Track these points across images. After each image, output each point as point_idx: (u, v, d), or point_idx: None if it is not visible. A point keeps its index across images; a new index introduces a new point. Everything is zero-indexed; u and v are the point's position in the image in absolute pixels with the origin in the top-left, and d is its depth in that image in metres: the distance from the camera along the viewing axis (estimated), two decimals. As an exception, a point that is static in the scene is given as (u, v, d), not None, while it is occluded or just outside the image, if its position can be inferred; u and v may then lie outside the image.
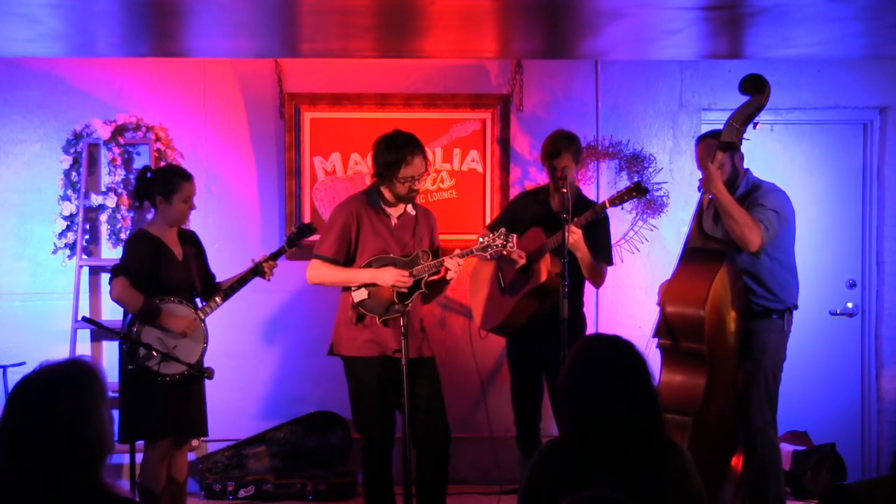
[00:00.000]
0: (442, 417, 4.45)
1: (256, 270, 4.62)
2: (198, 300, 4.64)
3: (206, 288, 4.67)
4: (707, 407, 4.17)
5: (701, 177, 4.43)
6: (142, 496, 4.44)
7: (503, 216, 5.01)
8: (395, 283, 4.33)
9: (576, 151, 4.72)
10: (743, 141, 4.37)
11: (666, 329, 4.28)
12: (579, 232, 4.49)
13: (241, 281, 4.61)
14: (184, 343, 4.44)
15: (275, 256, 4.68)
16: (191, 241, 4.65)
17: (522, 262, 4.65)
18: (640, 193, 4.63)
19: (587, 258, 4.60)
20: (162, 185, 4.49)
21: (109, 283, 4.47)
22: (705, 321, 4.14)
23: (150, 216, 4.70)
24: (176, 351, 4.36)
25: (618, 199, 4.61)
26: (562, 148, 4.68)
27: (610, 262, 4.84)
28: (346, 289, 4.45)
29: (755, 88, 4.28)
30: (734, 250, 4.34)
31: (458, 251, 4.42)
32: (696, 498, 2.54)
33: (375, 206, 4.46)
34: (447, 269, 4.40)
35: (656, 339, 4.37)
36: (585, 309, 4.95)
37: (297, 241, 4.75)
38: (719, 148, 4.31)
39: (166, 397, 4.39)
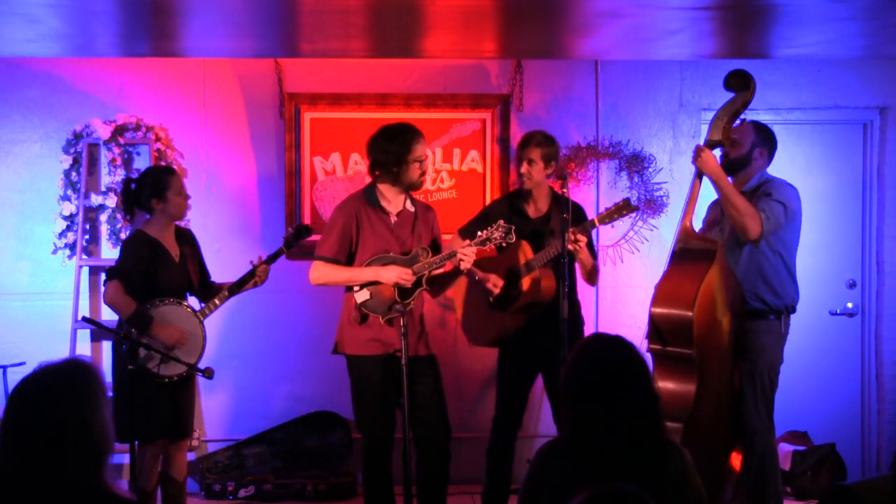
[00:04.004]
0: (443, 416, 4.45)
1: (249, 277, 4.60)
2: (195, 300, 4.65)
3: (202, 287, 4.67)
4: (699, 410, 4.11)
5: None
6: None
7: (477, 222, 4.87)
8: (397, 281, 4.34)
9: (547, 152, 4.71)
10: (771, 138, 4.40)
11: (654, 332, 4.22)
12: (585, 239, 4.48)
13: (239, 284, 4.61)
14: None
15: (273, 258, 4.68)
16: (188, 241, 4.65)
17: (497, 292, 4.67)
18: (630, 210, 4.60)
19: (589, 262, 4.62)
20: (152, 187, 4.50)
21: (104, 285, 4.47)
22: (693, 323, 4.07)
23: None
24: (175, 352, 4.37)
25: (607, 218, 4.61)
26: (532, 140, 4.72)
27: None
28: (349, 289, 4.46)
29: (740, 84, 4.30)
30: (734, 244, 4.32)
31: (467, 241, 4.44)
32: (695, 498, 2.54)
33: (374, 204, 4.46)
34: (460, 260, 4.37)
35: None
36: (585, 309, 4.95)
37: (296, 243, 4.75)
38: (707, 145, 4.34)
39: (163, 398, 4.39)
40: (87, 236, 5.68)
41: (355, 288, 4.41)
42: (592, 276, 4.74)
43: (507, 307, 4.70)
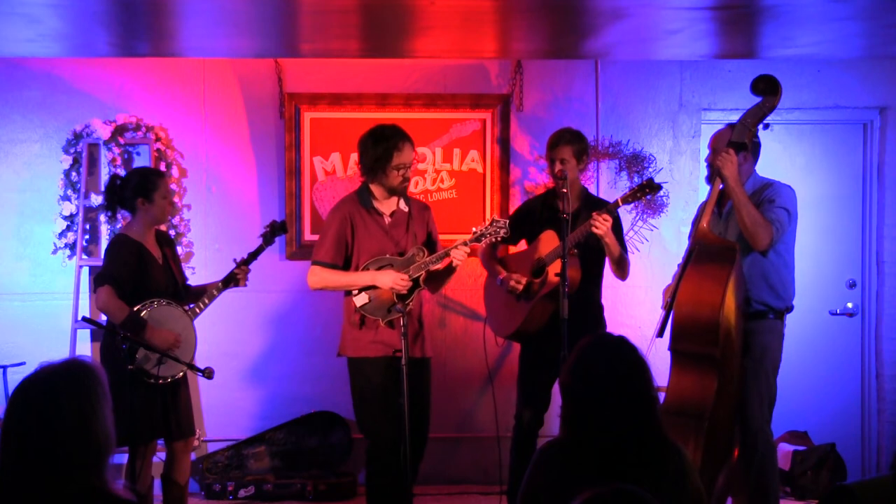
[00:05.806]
0: (426, 420, 4.49)
1: (232, 278, 4.58)
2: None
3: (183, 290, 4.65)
4: (716, 408, 4.09)
5: (708, 172, 4.42)
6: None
7: (515, 218, 4.91)
8: (393, 286, 4.35)
9: (578, 148, 4.70)
10: (754, 142, 4.37)
11: (679, 333, 4.17)
12: (611, 220, 4.47)
13: (226, 282, 4.60)
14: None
15: (254, 256, 4.67)
16: (168, 243, 4.61)
17: (520, 287, 4.66)
18: (653, 190, 4.60)
19: (616, 249, 4.60)
20: (140, 186, 4.43)
21: (94, 292, 4.41)
22: (720, 326, 4.06)
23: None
24: (171, 353, 4.35)
25: (630, 197, 4.59)
26: (561, 140, 4.70)
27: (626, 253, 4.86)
28: (349, 293, 4.47)
29: (769, 89, 4.27)
30: (742, 247, 4.30)
31: (459, 240, 4.43)
32: (695, 498, 2.54)
33: (367, 206, 4.47)
34: (452, 259, 4.39)
35: (658, 340, 4.34)
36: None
37: (273, 239, 4.75)
38: (730, 147, 4.30)
39: (154, 401, 4.36)
40: (87, 236, 5.68)
41: (354, 292, 4.43)
42: (621, 267, 4.70)
43: (532, 296, 4.71)
